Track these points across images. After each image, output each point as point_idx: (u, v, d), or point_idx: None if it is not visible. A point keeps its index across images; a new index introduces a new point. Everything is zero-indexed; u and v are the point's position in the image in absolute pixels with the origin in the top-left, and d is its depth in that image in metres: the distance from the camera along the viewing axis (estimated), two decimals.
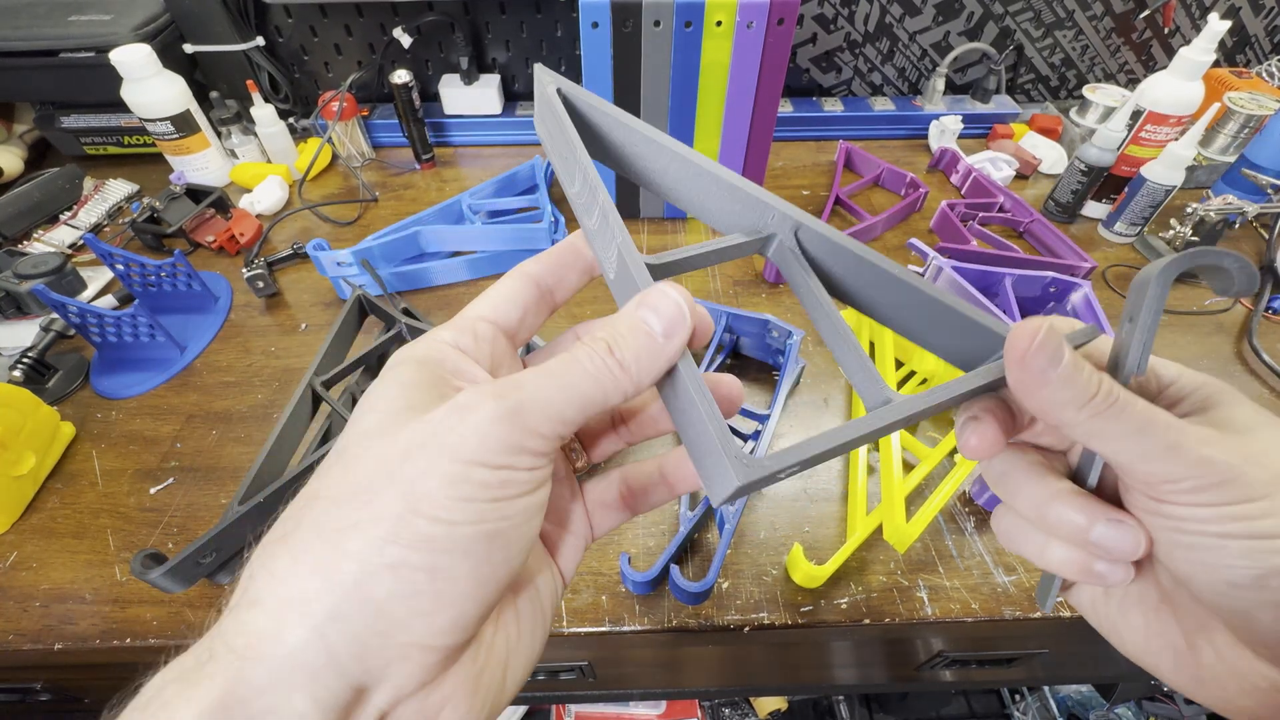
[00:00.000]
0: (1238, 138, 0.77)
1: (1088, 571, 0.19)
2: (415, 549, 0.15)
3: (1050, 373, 0.18)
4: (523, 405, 0.16)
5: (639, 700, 1.04)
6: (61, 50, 0.76)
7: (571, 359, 0.17)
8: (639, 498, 0.23)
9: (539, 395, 0.16)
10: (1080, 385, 0.18)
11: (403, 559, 0.15)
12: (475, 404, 0.16)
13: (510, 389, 0.16)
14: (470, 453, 0.15)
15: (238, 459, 0.52)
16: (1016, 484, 0.21)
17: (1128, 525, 0.18)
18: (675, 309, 0.17)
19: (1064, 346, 0.18)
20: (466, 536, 0.15)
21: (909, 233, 0.74)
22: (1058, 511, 0.19)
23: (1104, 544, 0.18)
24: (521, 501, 0.16)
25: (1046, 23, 0.87)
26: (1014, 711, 1.06)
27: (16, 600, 0.43)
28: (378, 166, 0.87)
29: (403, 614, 0.15)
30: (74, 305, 0.53)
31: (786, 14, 0.58)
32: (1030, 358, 0.18)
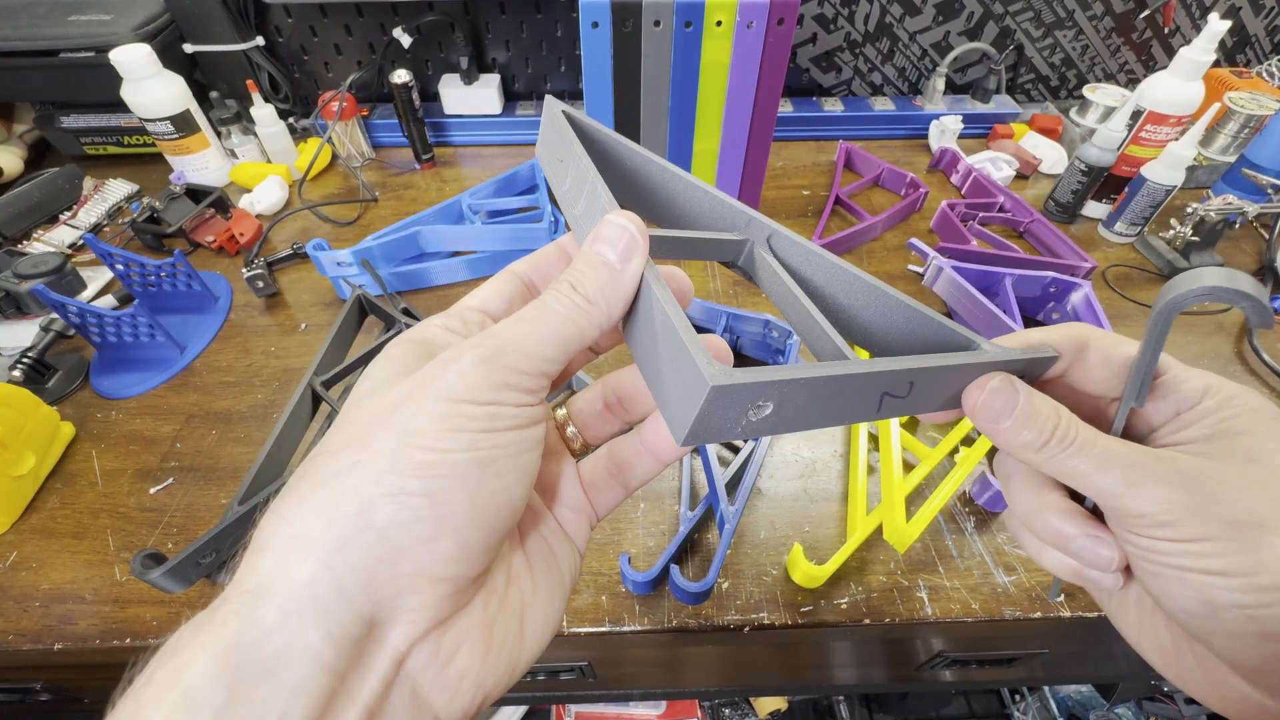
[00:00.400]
0: (1238, 138, 0.77)
1: (1080, 576, 0.21)
2: (413, 476, 0.15)
3: (1000, 424, 0.20)
4: (501, 348, 0.17)
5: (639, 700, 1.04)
6: (61, 50, 0.76)
7: (540, 304, 0.18)
8: (625, 471, 0.23)
9: (516, 338, 0.17)
10: (1032, 432, 0.20)
11: (401, 486, 0.15)
12: (456, 354, 0.17)
13: (487, 337, 0.17)
14: (456, 392, 0.16)
15: (238, 459, 0.52)
16: (1015, 489, 0.23)
17: (1104, 540, 0.20)
18: (625, 234, 0.18)
19: (1016, 396, 0.20)
20: (461, 462, 0.16)
21: (909, 233, 0.74)
22: (1044, 520, 0.21)
23: (1082, 556, 0.20)
24: (513, 434, 0.17)
25: (1047, 23, 0.87)
26: (1014, 711, 1.06)
27: (16, 600, 0.43)
28: (378, 166, 0.87)
29: (406, 540, 0.15)
30: (74, 305, 0.53)
31: (786, 14, 0.58)
32: (979, 411, 0.20)
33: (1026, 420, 0.20)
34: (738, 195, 0.75)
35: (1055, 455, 0.19)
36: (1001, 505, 0.47)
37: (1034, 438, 0.20)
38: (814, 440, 0.53)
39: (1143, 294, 0.66)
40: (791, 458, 0.51)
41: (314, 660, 0.14)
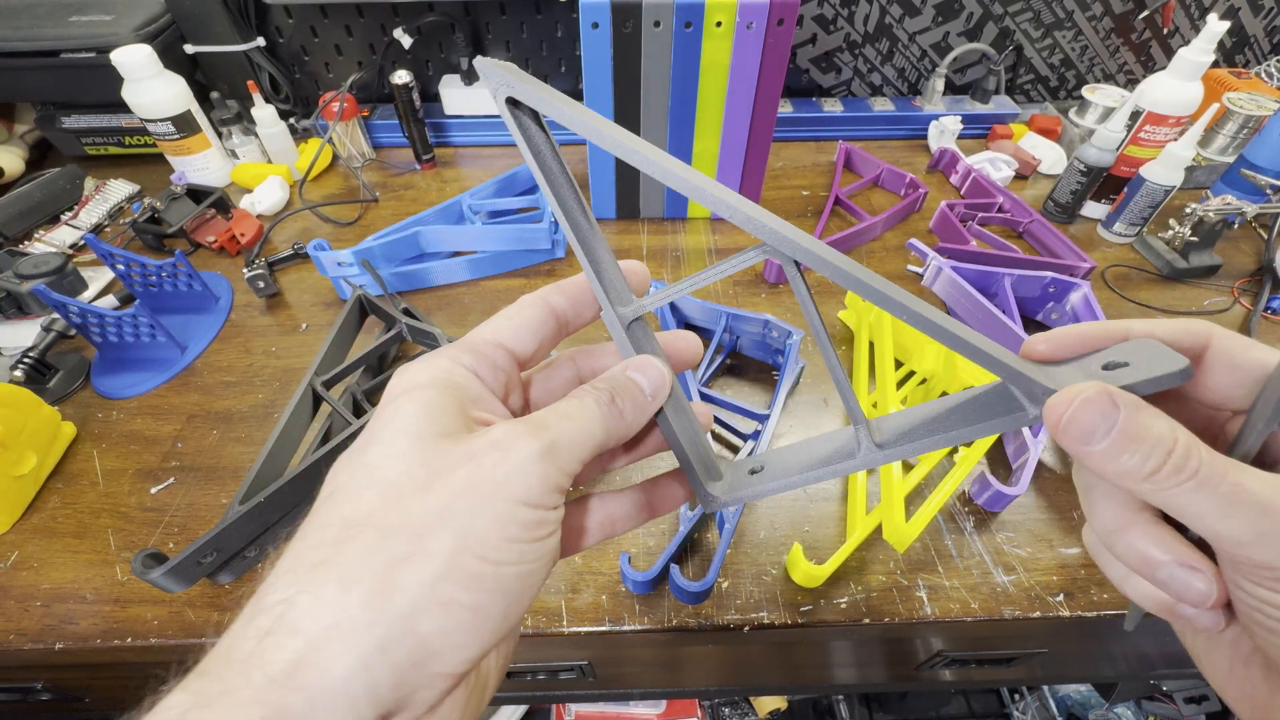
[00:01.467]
0: (1237, 138, 0.77)
1: (1171, 611, 0.18)
2: (465, 587, 0.16)
3: (1093, 446, 0.16)
4: (555, 444, 0.17)
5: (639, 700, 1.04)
6: (62, 51, 0.76)
7: (581, 405, 0.19)
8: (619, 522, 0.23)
9: (564, 435, 0.18)
10: (1137, 457, 0.16)
11: (453, 596, 0.15)
12: (515, 441, 0.17)
13: (542, 429, 0.17)
14: (516, 491, 0.16)
15: (238, 459, 0.52)
16: (1095, 501, 0.19)
17: (1201, 573, 0.17)
18: (659, 376, 0.20)
19: (1115, 411, 0.16)
20: (507, 577, 0.16)
21: (908, 233, 0.74)
22: (1128, 542, 0.18)
23: (1171, 587, 0.17)
24: (549, 542, 0.17)
25: (1046, 23, 0.88)
26: (1013, 711, 1.07)
27: (17, 600, 0.44)
28: (378, 167, 0.87)
29: (441, 646, 0.15)
30: (75, 305, 0.53)
31: (786, 14, 0.59)
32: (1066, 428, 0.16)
33: (1130, 442, 0.16)
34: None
35: (1167, 489, 0.16)
36: (1000, 505, 0.47)
37: (1138, 464, 0.16)
38: None
39: (1142, 294, 0.66)
40: None
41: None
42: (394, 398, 0.18)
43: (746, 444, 0.51)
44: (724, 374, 0.58)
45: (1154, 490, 0.16)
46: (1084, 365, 0.19)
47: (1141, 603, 0.19)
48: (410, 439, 0.17)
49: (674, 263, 0.71)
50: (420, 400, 0.18)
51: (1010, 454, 0.51)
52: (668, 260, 0.71)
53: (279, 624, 0.15)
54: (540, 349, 0.21)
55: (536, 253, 0.70)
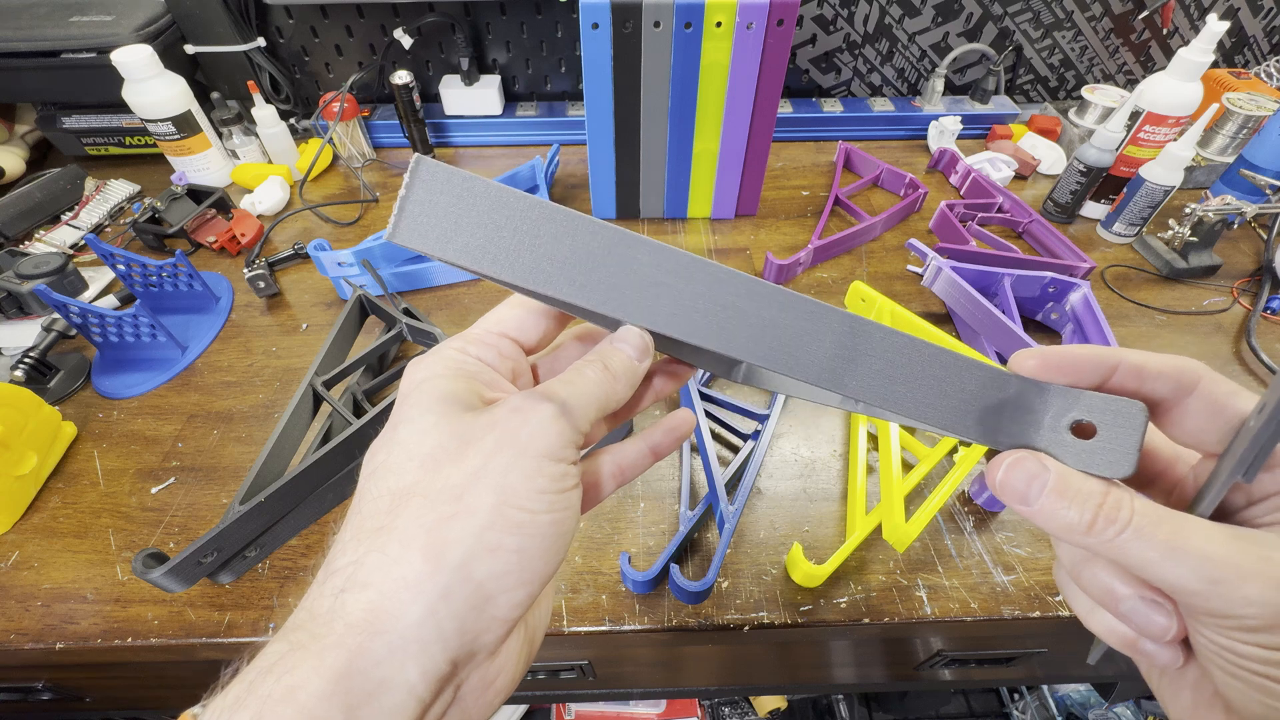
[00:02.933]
0: (1236, 138, 0.77)
1: (1133, 647, 0.18)
2: (510, 533, 0.17)
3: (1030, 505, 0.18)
4: (568, 404, 0.19)
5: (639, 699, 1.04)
6: (63, 51, 0.76)
7: (580, 373, 0.21)
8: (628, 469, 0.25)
9: (573, 397, 0.20)
10: (1073, 511, 0.17)
11: (499, 542, 0.17)
12: (532, 405, 0.19)
13: (552, 394, 0.19)
14: (540, 447, 0.18)
15: (239, 459, 0.52)
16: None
17: (1161, 606, 0.17)
18: (640, 339, 0.21)
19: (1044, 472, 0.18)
20: (544, 523, 0.18)
21: (908, 233, 0.74)
22: (1092, 573, 0.19)
23: (1132, 620, 0.18)
24: (573, 494, 0.19)
25: (1045, 24, 0.88)
26: (1013, 710, 1.07)
27: (18, 599, 0.44)
28: (378, 167, 0.87)
29: (495, 590, 0.17)
30: (75, 305, 0.53)
31: (786, 15, 0.59)
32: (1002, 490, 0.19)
33: (1060, 499, 0.17)
34: (737, 196, 0.75)
35: (1109, 539, 0.17)
36: (1000, 505, 0.47)
37: (1075, 518, 0.17)
38: (814, 440, 0.53)
39: (1141, 294, 0.66)
40: (791, 457, 0.51)
41: (410, 692, 0.16)
42: (414, 387, 0.20)
43: (746, 444, 0.51)
44: None
45: (1097, 543, 0.17)
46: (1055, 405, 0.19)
47: (1105, 638, 0.19)
48: (437, 416, 0.19)
49: None
50: (437, 386, 0.20)
51: None
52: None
53: (351, 582, 0.17)
54: (545, 335, 0.23)
55: None
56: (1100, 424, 0.18)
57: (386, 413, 0.46)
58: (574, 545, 0.46)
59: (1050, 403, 0.19)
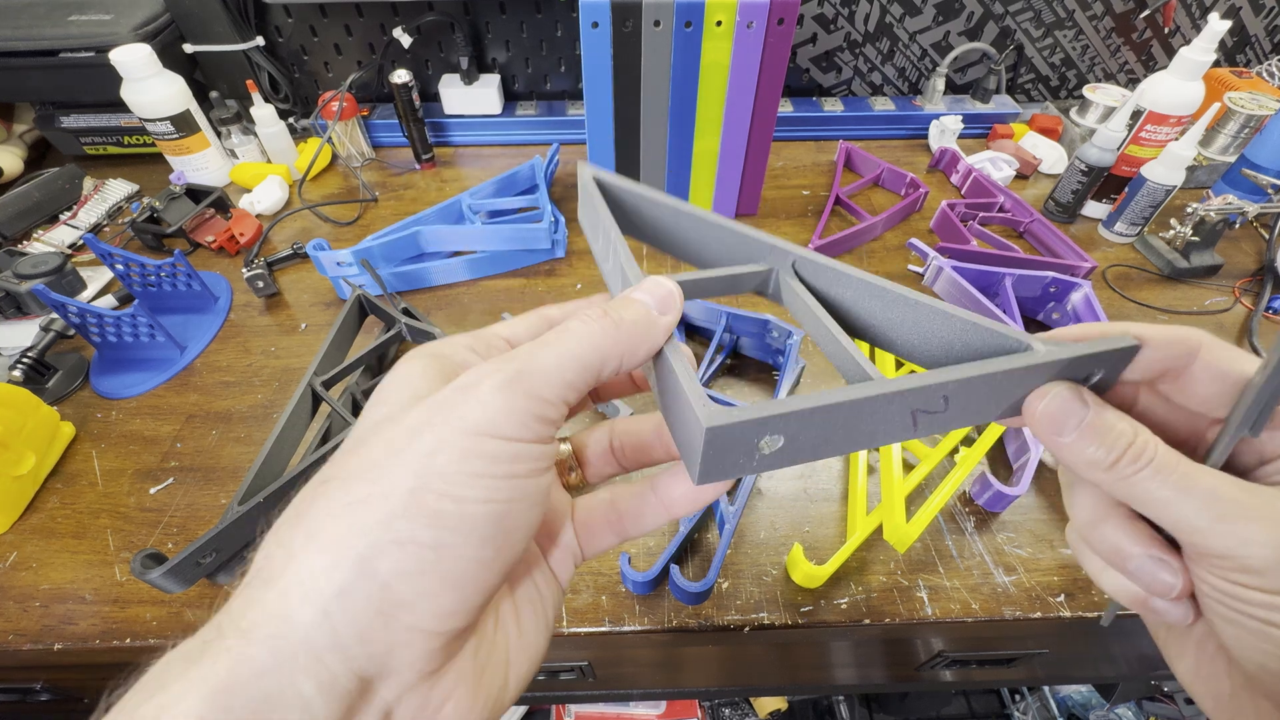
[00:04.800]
0: (1238, 138, 0.77)
1: (1143, 605, 0.19)
2: (424, 525, 0.15)
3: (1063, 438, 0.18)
4: (525, 370, 0.16)
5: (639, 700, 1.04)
6: (61, 50, 0.76)
7: (565, 327, 0.17)
8: (626, 520, 0.22)
9: (539, 360, 0.16)
10: (1101, 448, 0.17)
11: (411, 534, 0.14)
12: (478, 377, 0.16)
13: (508, 361, 0.16)
14: (480, 423, 0.15)
15: (238, 459, 0.52)
16: (1076, 496, 0.20)
17: (1168, 564, 0.18)
18: (666, 290, 0.18)
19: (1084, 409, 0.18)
20: (475, 515, 0.15)
21: (909, 233, 0.74)
22: (1103, 534, 0.19)
23: (1140, 578, 0.18)
24: (530, 482, 0.16)
25: (1046, 23, 0.87)
26: (1014, 711, 1.06)
27: (16, 600, 0.43)
28: (378, 166, 0.87)
29: (407, 593, 0.14)
30: (74, 305, 0.53)
31: (786, 14, 0.58)
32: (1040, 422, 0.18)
33: (1094, 434, 0.18)
34: (738, 195, 0.75)
35: (1127, 476, 0.17)
36: (1001, 505, 0.47)
37: (1102, 455, 0.17)
38: None
39: (1143, 294, 0.66)
40: None
41: (304, 710, 0.13)
42: (390, 373, 0.18)
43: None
44: (724, 374, 0.58)
45: (1115, 480, 0.17)
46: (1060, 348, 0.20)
47: (1117, 596, 0.19)
48: (388, 407, 0.17)
49: (674, 263, 0.71)
50: (406, 370, 0.18)
51: (1011, 454, 0.51)
52: (667, 260, 0.71)
53: (255, 578, 0.15)
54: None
55: (536, 252, 0.69)
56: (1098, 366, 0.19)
57: None
58: None
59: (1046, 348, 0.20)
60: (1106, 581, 0.20)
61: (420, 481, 0.15)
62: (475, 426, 0.15)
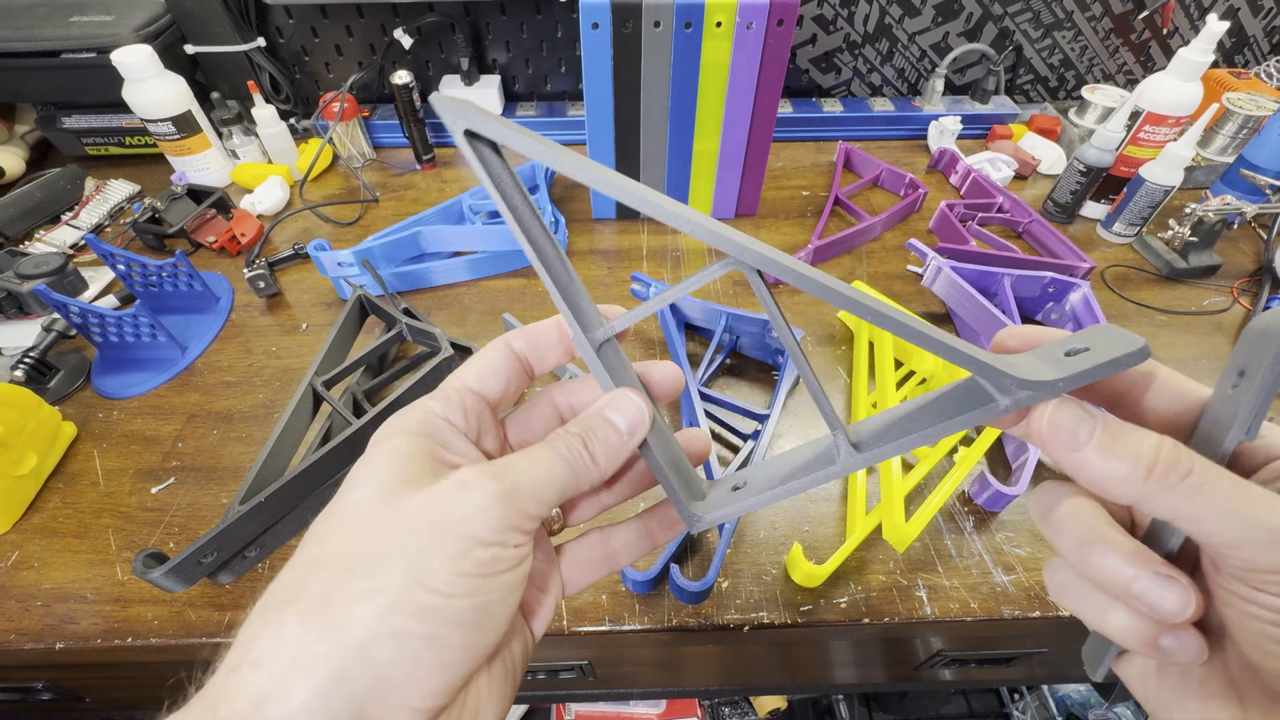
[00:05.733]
0: (1236, 138, 0.77)
1: (1152, 644, 0.17)
2: (417, 619, 0.16)
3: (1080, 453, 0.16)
4: (517, 488, 0.18)
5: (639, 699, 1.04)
6: (63, 51, 0.76)
7: (552, 449, 0.19)
8: (621, 554, 0.24)
9: (529, 481, 0.18)
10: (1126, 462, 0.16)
11: (405, 628, 0.16)
12: (476, 482, 0.18)
13: (505, 472, 0.18)
14: (470, 531, 0.17)
15: (239, 459, 0.52)
16: (1060, 522, 0.19)
17: (1178, 582, 0.16)
18: (637, 413, 0.20)
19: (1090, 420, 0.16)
20: (462, 609, 0.17)
21: (908, 233, 0.74)
22: (1097, 557, 0.17)
23: (1146, 599, 0.16)
24: (508, 576, 0.18)
25: (1045, 24, 0.88)
26: (1013, 711, 1.07)
27: (18, 599, 0.44)
28: (378, 167, 0.87)
29: (399, 678, 0.16)
30: (75, 305, 0.53)
31: (786, 15, 0.59)
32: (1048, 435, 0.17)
33: (1116, 442, 0.16)
34: (737, 196, 0.75)
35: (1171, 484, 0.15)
36: (1000, 505, 0.47)
37: (1129, 470, 0.16)
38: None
39: (1141, 294, 0.66)
40: None
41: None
42: (370, 449, 0.19)
43: (746, 444, 0.51)
44: (724, 374, 0.58)
45: (1153, 491, 0.16)
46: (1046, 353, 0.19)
47: (1122, 638, 0.18)
48: (377, 486, 0.18)
49: (674, 262, 0.71)
50: (391, 449, 0.19)
51: (1010, 454, 0.51)
52: (668, 260, 0.71)
53: (244, 658, 0.16)
54: (507, 391, 0.22)
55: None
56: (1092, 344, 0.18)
57: (387, 413, 0.46)
58: None
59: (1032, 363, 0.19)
60: (1112, 623, 0.18)
61: (414, 579, 0.16)
62: (466, 533, 0.17)
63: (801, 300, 0.65)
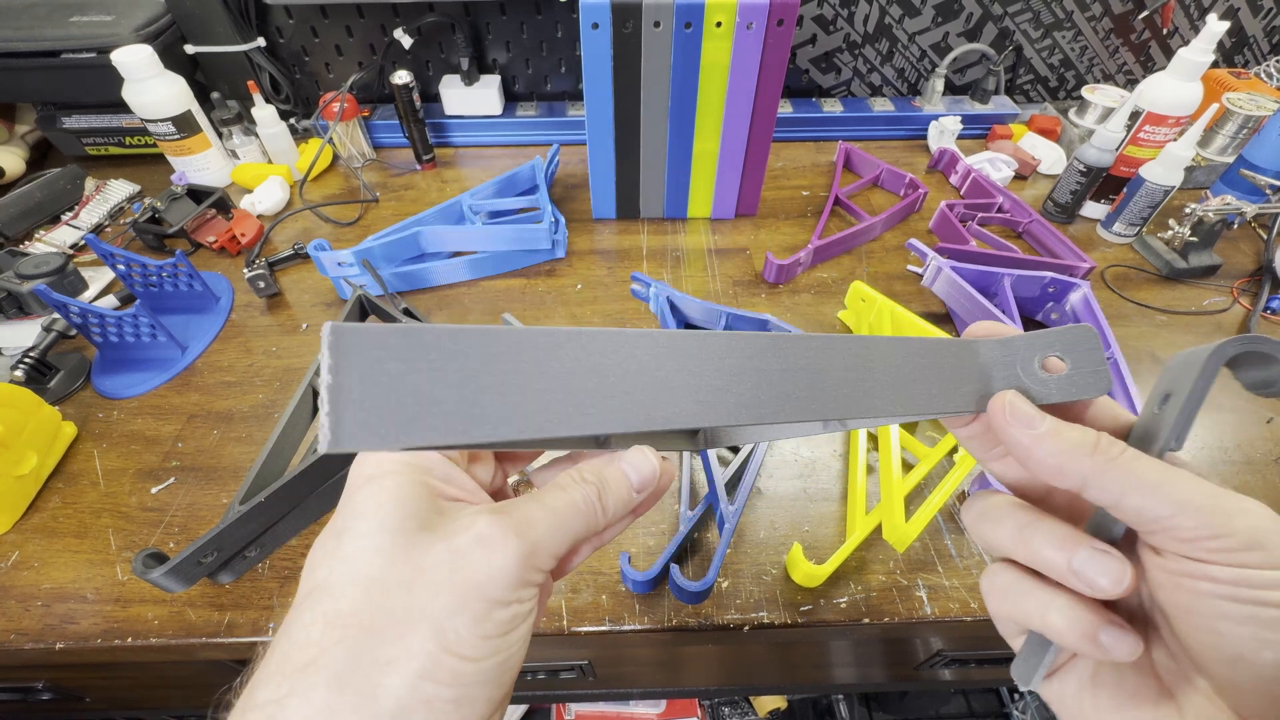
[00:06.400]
0: (1236, 138, 0.77)
1: (1091, 639, 0.18)
2: (447, 685, 0.16)
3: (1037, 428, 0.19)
4: (537, 545, 0.18)
5: (639, 699, 1.04)
6: (63, 51, 0.76)
7: (570, 500, 0.20)
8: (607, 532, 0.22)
9: (545, 534, 0.19)
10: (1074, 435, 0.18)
11: (436, 694, 0.16)
12: (499, 541, 0.18)
13: (526, 528, 0.18)
14: (493, 592, 0.17)
15: (239, 459, 0.52)
16: (998, 516, 0.20)
17: (1113, 556, 0.17)
18: (651, 471, 0.21)
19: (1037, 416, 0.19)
20: (486, 669, 0.17)
21: (908, 233, 0.74)
22: (1034, 544, 0.19)
23: (1086, 573, 0.17)
24: (521, 630, 0.18)
25: (1045, 24, 0.88)
26: (1013, 710, 1.07)
27: (18, 599, 0.44)
28: (378, 167, 0.87)
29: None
30: (75, 305, 0.53)
31: (786, 15, 0.59)
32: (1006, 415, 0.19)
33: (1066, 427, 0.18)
34: (737, 196, 0.75)
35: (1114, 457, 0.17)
36: None
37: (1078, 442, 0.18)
38: (814, 440, 0.53)
39: (1141, 294, 0.66)
40: (791, 457, 0.51)
41: None
42: (360, 486, 0.19)
43: (747, 444, 0.51)
44: None
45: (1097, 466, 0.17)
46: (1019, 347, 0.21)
47: (1062, 635, 0.18)
48: (388, 534, 0.18)
49: (674, 262, 0.71)
50: (388, 488, 0.18)
51: None
52: (668, 260, 0.71)
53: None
54: None
55: (537, 253, 0.70)
56: (1065, 354, 0.20)
57: None
58: None
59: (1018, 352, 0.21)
60: (1052, 620, 0.18)
61: (442, 644, 0.16)
62: (487, 595, 0.17)
63: (801, 300, 0.65)
